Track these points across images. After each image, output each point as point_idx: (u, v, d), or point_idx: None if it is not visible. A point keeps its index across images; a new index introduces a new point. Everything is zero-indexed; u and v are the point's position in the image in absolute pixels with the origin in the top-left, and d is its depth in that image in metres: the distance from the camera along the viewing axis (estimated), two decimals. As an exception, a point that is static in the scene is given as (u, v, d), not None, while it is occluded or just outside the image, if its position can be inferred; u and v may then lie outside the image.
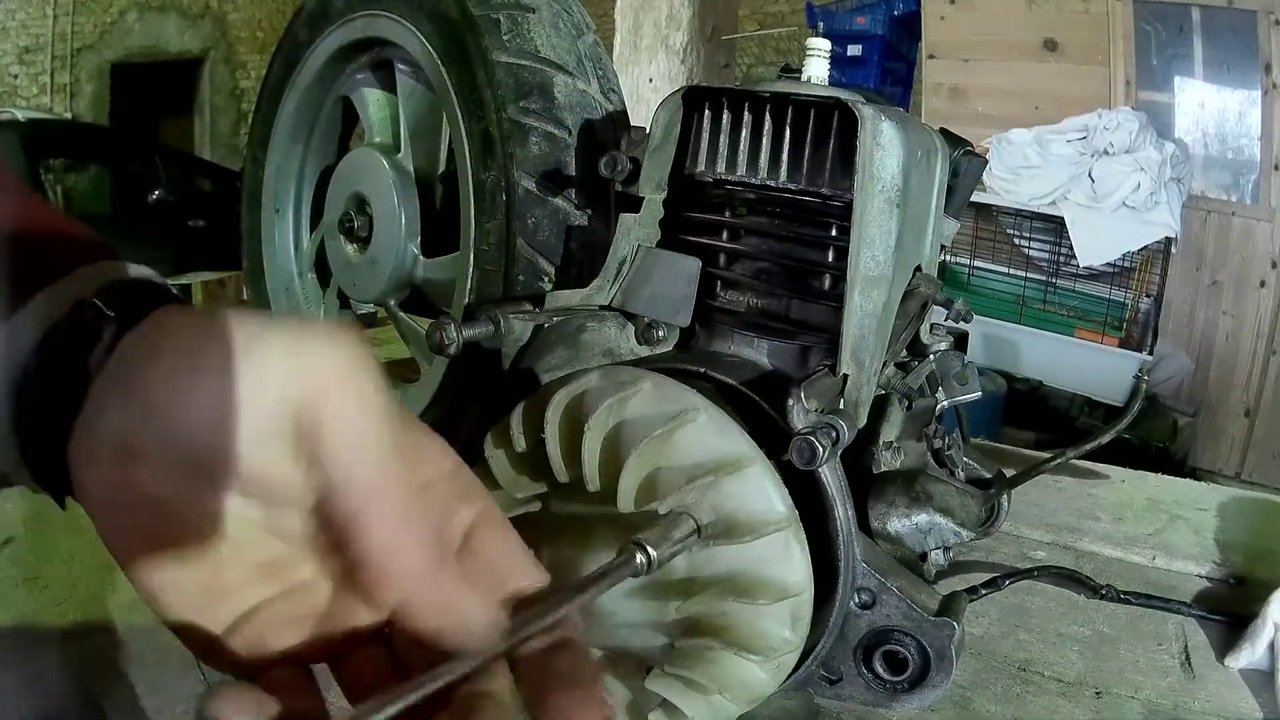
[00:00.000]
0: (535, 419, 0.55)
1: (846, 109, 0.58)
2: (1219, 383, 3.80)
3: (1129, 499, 1.12)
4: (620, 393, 0.52)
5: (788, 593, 0.51)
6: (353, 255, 1.01)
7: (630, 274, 0.68)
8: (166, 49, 7.50)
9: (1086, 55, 3.81)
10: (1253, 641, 0.76)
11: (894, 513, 0.62)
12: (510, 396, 0.59)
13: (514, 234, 0.80)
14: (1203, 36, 3.64)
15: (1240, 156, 3.71)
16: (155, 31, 7.38)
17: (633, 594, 0.54)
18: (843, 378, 0.57)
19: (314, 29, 1.03)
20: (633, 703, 0.56)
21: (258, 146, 1.12)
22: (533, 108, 0.81)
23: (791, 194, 0.63)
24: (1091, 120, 3.50)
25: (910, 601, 0.55)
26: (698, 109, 0.66)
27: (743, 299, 0.65)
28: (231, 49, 7.86)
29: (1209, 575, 0.94)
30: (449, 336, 0.62)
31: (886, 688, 0.57)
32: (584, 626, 0.34)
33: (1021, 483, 0.69)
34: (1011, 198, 3.68)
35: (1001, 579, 0.86)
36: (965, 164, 0.73)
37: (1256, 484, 3.44)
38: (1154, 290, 3.55)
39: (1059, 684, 0.74)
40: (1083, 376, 3.55)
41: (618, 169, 0.68)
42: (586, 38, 0.88)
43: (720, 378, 0.59)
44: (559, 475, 0.54)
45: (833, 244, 0.62)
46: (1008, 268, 3.81)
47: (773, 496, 0.51)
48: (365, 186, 0.99)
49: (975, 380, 0.72)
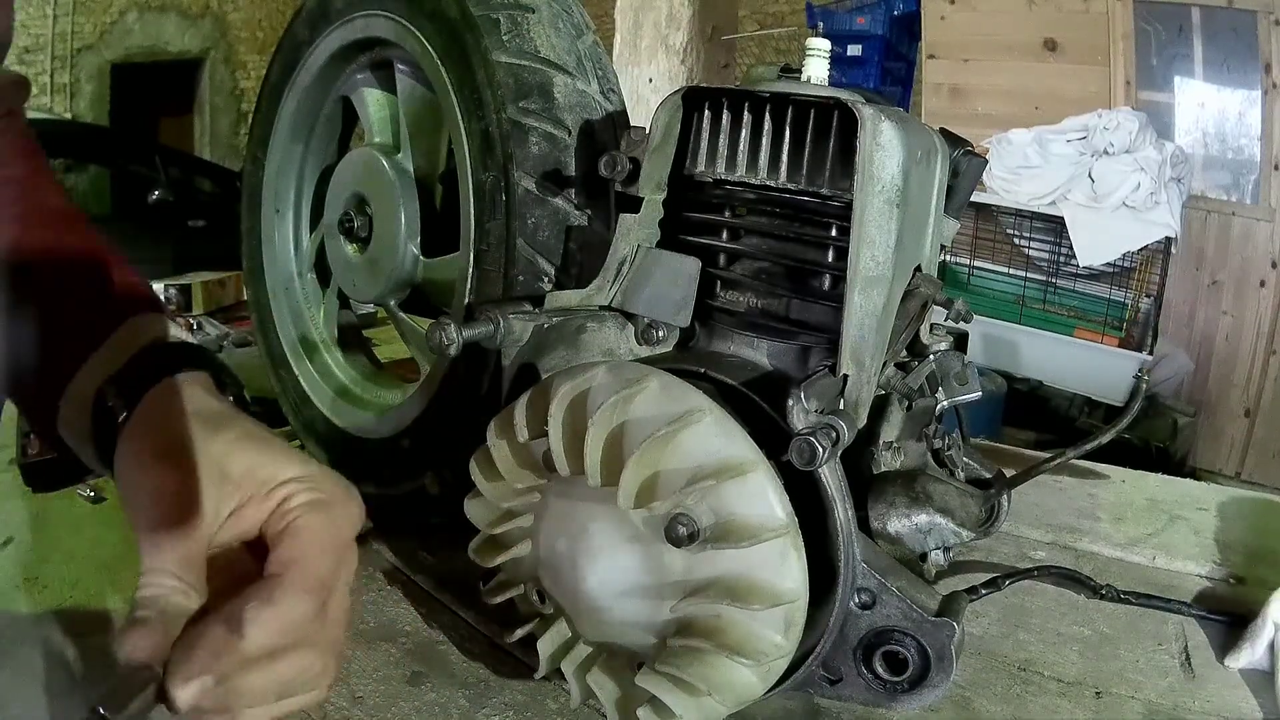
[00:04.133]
0: (539, 411, 0.55)
1: (846, 109, 0.58)
2: (1219, 383, 3.80)
3: (1129, 499, 1.12)
4: (626, 390, 0.52)
5: (782, 599, 0.51)
6: (353, 255, 1.01)
7: (630, 274, 0.68)
8: (166, 49, 7.49)
9: (1086, 55, 3.81)
10: (1253, 641, 0.76)
11: (894, 513, 0.62)
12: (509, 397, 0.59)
13: (514, 234, 0.80)
14: (1203, 36, 3.64)
15: (1240, 156, 3.71)
16: (155, 31, 7.37)
17: (627, 592, 0.54)
18: (843, 378, 0.57)
19: (314, 29, 1.02)
20: (622, 698, 0.56)
21: (258, 146, 1.12)
22: (532, 108, 0.80)
23: (791, 194, 0.63)
24: (1091, 120, 3.50)
25: (910, 602, 0.55)
26: (697, 109, 0.66)
27: (743, 299, 0.65)
28: (231, 49, 7.86)
29: (1209, 575, 0.94)
30: (449, 337, 0.62)
31: (886, 688, 0.57)
32: None
33: (1021, 483, 0.69)
34: (1011, 198, 3.67)
35: (1001, 579, 0.86)
36: (965, 164, 0.73)
37: (1256, 484, 3.44)
38: (1154, 290, 3.55)
39: (1059, 684, 0.74)
40: (1083, 376, 3.55)
41: (618, 169, 0.68)
42: (586, 38, 0.88)
43: (720, 378, 0.59)
44: (560, 469, 0.54)
45: (833, 244, 0.62)
46: (1008, 268, 3.80)
47: (773, 503, 0.51)
48: (365, 186, 0.99)
49: (975, 380, 0.72)
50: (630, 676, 0.54)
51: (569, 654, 0.59)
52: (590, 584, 0.55)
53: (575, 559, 0.56)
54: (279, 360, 1.11)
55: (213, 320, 2.45)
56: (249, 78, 7.82)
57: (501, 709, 0.67)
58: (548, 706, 0.68)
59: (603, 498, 0.53)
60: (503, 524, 0.60)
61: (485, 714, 0.67)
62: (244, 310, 1.77)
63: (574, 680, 0.59)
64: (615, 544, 0.54)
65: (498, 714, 0.67)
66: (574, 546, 0.56)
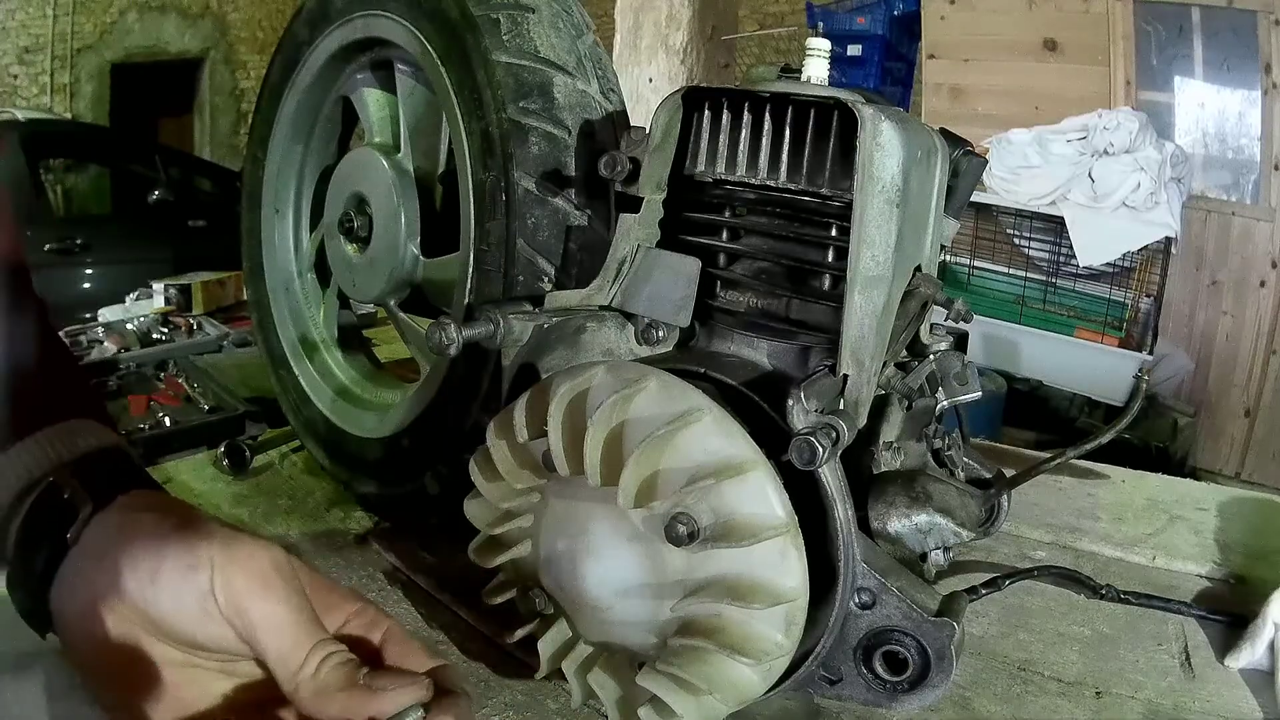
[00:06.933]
0: (539, 411, 0.55)
1: (846, 109, 0.58)
2: (1219, 383, 3.80)
3: (1129, 499, 1.12)
4: (625, 390, 0.52)
5: (783, 598, 0.51)
6: (353, 255, 1.01)
7: (630, 274, 0.68)
8: (166, 49, 7.49)
9: (1086, 55, 3.81)
10: (1253, 641, 0.76)
11: (894, 513, 0.62)
12: (509, 397, 0.59)
13: (514, 234, 0.80)
14: (1203, 36, 3.64)
15: (1240, 156, 3.71)
16: (155, 31, 7.37)
17: (628, 591, 0.54)
18: (843, 378, 0.57)
19: (314, 29, 1.03)
20: (622, 698, 0.56)
21: (258, 146, 1.12)
22: (532, 108, 0.80)
23: (791, 194, 0.63)
24: (1091, 120, 3.49)
25: (910, 602, 0.55)
26: (698, 109, 0.66)
27: (743, 299, 0.65)
28: (231, 49, 7.86)
29: (1209, 575, 0.94)
30: (449, 337, 0.62)
31: (886, 688, 0.57)
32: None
33: (1021, 483, 0.69)
34: (1011, 198, 3.67)
35: (1001, 579, 0.86)
36: (965, 164, 0.73)
37: (1256, 484, 3.44)
38: (1154, 290, 3.55)
39: (1059, 684, 0.74)
40: (1083, 376, 3.55)
41: (617, 169, 0.68)
42: (586, 38, 0.88)
43: (720, 378, 0.59)
44: (560, 469, 0.54)
45: (833, 244, 0.62)
46: (1008, 268, 3.80)
47: (773, 502, 0.51)
48: (365, 186, 0.99)
49: (975, 380, 0.72)
50: (631, 676, 0.54)
51: (570, 654, 0.59)
52: (590, 584, 0.55)
53: (575, 559, 0.56)
54: (279, 360, 1.11)
55: (213, 320, 2.45)
56: (249, 78, 7.82)
57: (502, 709, 0.67)
58: (548, 706, 0.68)
59: (603, 498, 0.53)
60: (503, 524, 0.60)
61: (485, 714, 0.67)
62: (244, 310, 1.77)
63: (575, 680, 0.59)
64: (615, 544, 0.54)
65: (498, 714, 0.67)
66: (574, 546, 0.56)
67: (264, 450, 1.13)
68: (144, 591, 0.41)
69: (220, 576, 0.40)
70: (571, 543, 0.56)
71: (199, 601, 0.40)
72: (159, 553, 0.41)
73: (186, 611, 0.40)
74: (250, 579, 0.40)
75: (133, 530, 0.43)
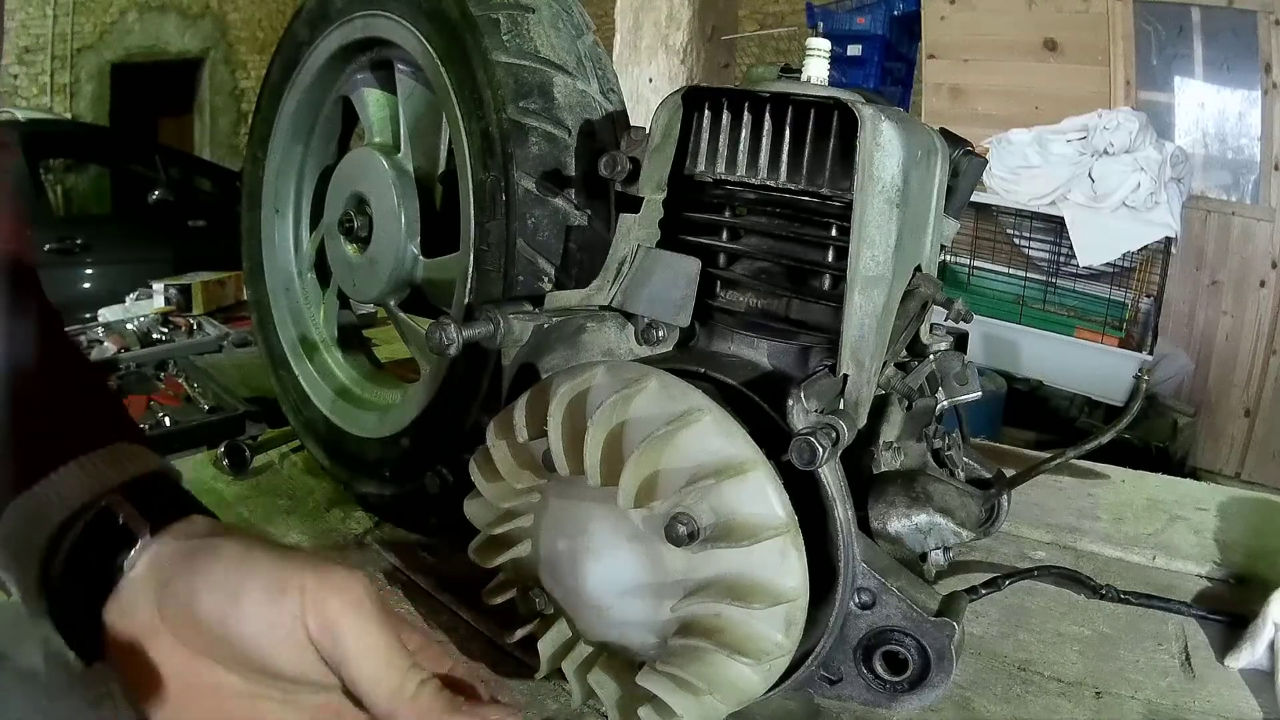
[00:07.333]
0: (539, 411, 0.55)
1: (846, 109, 0.58)
2: (1219, 383, 3.80)
3: (1129, 499, 1.12)
4: (625, 390, 0.52)
5: (783, 598, 0.51)
6: (353, 255, 1.01)
7: (630, 274, 0.68)
8: (166, 49, 7.50)
9: (1086, 55, 3.81)
10: (1253, 641, 0.76)
11: (894, 513, 0.62)
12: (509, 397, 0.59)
13: (514, 234, 0.80)
14: (1203, 36, 3.64)
15: (1240, 156, 3.71)
16: (155, 31, 7.38)
17: (628, 591, 0.54)
18: (843, 378, 0.57)
19: (314, 29, 1.02)
20: (623, 698, 0.56)
21: (258, 146, 1.12)
22: (532, 108, 0.80)
23: (791, 194, 0.63)
24: (1091, 120, 3.50)
25: (910, 602, 0.55)
26: (698, 109, 0.66)
27: (743, 299, 0.65)
28: (231, 49, 7.86)
29: (1209, 575, 0.94)
30: (449, 337, 0.62)
31: (886, 688, 0.57)
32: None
33: (1021, 483, 0.69)
34: (1011, 198, 3.67)
35: (1001, 579, 0.86)
36: (965, 164, 0.73)
37: (1256, 484, 3.44)
38: (1154, 290, 3.55)
39: (1059, 684, 0.74)
40: (1083, 376, 3.55)
41: (617, 169, 0.68)
42: (586, 38, 0.88)
43: (720, 378, 0.59)
44: (560, 469, 0.54)
45: (833, 244, 0.62)
46: (1008, 268, 3.80)
47: (773, 502, 0.51)
48: (365, 186, 0.99)
49: (975, 380, 0.72)
50: (631, 676, 0.54)
51: (570, 654, 0.59)
52: (590, 584, 0.55)
53: (575, 559, 0.56)
54: (279, 360, 1.11)
55: (213, 320, 2.45)
56: (249, 78, 7.83)
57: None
58: (548, 706, 0.68)
59: (603, 497, 0.53)
60: (503, 524, 0.60)
61: (485, 714, 0.67)
62: (244, 310, 1.78)
63: (575, 680, 0.59)
64: (615, 544, 0.54)
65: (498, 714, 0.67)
66: (574, 546, 0.56)
67: (264, 450, 1.13)
68: (224, 615, 0.40)
69: (312, 601, 0.40)
70: (571, 543, 0.56)
71: (285, 625, 0.40)
72: (245, 576, 0.41)
73: (269, 635, 0.40)
74: (345, 604, 0.41)
75: (210, 554, 0.42)
